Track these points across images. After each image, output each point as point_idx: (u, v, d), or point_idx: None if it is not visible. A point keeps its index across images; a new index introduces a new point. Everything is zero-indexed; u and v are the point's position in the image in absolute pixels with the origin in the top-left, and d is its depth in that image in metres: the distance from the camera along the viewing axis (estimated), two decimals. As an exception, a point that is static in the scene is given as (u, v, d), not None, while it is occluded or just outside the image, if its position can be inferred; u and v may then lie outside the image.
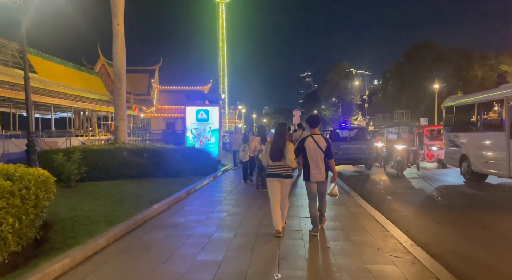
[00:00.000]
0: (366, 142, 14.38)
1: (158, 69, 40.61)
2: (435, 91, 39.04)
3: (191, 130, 15.41)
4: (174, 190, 8.86)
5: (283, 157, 5.28)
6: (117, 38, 12.53)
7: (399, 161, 12.41)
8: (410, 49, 56.32)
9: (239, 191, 9.61)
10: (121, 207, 6.73)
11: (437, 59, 52.66)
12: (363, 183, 11.89)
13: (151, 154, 11.44)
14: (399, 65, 58.37)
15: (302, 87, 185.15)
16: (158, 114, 27.91)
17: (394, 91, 57.84)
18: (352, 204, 7.65)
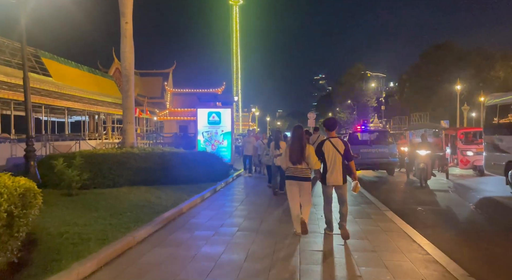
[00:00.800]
0: (388, 145, 13.33)
1: (172, 72, 40.26)
2: (457, 93, 37.33)
3: (202, 134, 14.67)
4: (182, 199, 8.09)
5: (302, 160, 5.27)
6: (125, 37, 11.88)
7: (422, 168, 10.89)
8: (428, 50, 54.64)
9: (252, 200, 8.76)
10: (120, 220, 5.96)
11: (456, 59, 50.83)
12: (387, 191, 10.86)
13: (159, 158, 10.70)
14: (416, 66, 56.69)
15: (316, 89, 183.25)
16: (171, 117, 27.37)
17: (411, 93, 56.14)
18: (380, 217, 6.69)
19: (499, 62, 51.77)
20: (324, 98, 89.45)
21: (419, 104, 51.95)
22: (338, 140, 5.43)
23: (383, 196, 9.36)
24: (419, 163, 11.00)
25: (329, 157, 5.28)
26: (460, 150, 13.35)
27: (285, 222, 6.37)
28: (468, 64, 50.08)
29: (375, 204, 7.96)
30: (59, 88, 24.40)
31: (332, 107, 69.45)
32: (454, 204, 8.82)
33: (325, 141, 5.43)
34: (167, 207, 7.17)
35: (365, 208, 7.50)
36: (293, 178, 5.35)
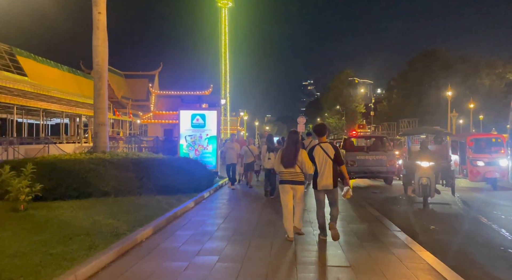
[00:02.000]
0: (387, 152, 12.23)
1: (158, 74, 38.78)
2: (448, 99, 36.85)
3: (185, 138, 13.32)
4: (155, 214, 6.75)
5: (295, 163, 5.36)
6: (97, 29, 10.51)
7: (425, 185, 8.48)
8: (415, 57, 54.51)
9: (238, 215, 7.47)
10: (67, 247, 4.61)
11: (443, 67, 50.79)
12: (387, 202, 9.72)
13: (133, 165, 9.33)
14: (404, 73, 56.50)
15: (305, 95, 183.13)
16: (156, 120, 25.91)
17: (399, 100, 55.83)
18: (392, 241, 5.47)
19: (485, 70, 51.95)
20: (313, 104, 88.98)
21: (407, 110, 51.59)
22: (328, 145, 5.46)
23: (386, 210, 8.20)
24: (421, 177, 8.59)
25: (320, 162, 5.32)
26: (470, 160, 11.44)
27: (279, 246, 5.12)
28: (454, 71, 50.06)
29: (381, 221, 6.77)
30: (35, 88, 22.72)
31: (320, 112, 68.81)
32: (469, 221, 7.72)
33: (315, 146, 5.46)
34: (134, 226, 5.83)
35: (371, 227, 6.30)
36: (286, 182, 5.42)
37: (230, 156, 11.29)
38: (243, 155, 11.33)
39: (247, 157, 11.34)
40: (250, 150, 11.41)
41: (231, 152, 11.30)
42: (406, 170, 10.40)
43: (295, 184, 5.40)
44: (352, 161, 12.05)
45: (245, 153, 11.31)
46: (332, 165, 5.27)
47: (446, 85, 50.32)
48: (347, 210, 7.96)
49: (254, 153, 11.44)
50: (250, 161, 11.42)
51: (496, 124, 54.70)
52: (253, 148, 11.64)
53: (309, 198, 8.83)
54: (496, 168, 11.12)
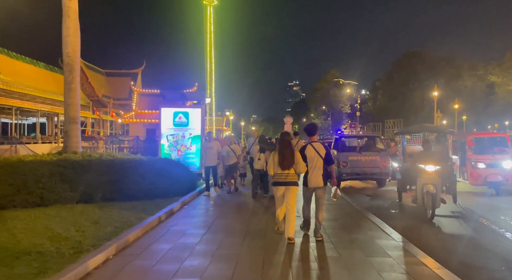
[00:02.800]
0: (380, 153, 11.58)
1: (141, 73, 37.47)
2: (434, 99, 36.87)
3: (166, 137, 12.37)
4: (128, 224, 5.86)
5: (292, 166, 5.32)
6: (68, 17, 9.48)
7: (432, 193, 6.85)
8: (400, 58, 54.80)
9: (224, 223, 6.62)
10: (9, 271, 3.69)
11: (427, 68, 51.16)
12: (392, 213, 9.04)
13: (107, 167, 8.37)
14: (389, 74, 56.74)
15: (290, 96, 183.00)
16: (138, 119, 24.76)
17: (384, 100, 56.01)
18: (402, 255, 4.72)
19: (467, 72, 52.60)
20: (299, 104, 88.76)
21: (392, 111, 51.72)
22: (319, 144, 5.56)
23: (394, 219, 7.50)
24: (425, 184, 7.01)
25: (311, 161, 5.40)
26: (470, 161, 10.02)
27: (272, 263, 4.31)
28: (438, 73, 50.47)
29: (383, 229, 6.04)
30: (7, 85, 21.26)
31: (306, 113, 68.52)
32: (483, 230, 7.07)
33: (307, 145, 5.54)
34: (102, 240, 4.93)
35: (374, 237, 5.56)
36: (281, 183, 5.37)
37: (209, 156, 9.64)
38: (225, 156, 9.99)
39: (229, 158, 10.05)
40: (233, 150, 10.13)
41: (210, 153, 9.63)
42: (401, 174, 8.95)
43: (290, 184, 5.36)
44: (344, 162, 11.35)
45: (227, 154, 10.02)
46: (322, 164, 5.39)
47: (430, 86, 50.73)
48: (346, 217, 7.21)
49: (237, 153, 10.23)
50: (232, 163, 10.14)
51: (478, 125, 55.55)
52: (235, 148, 10.35)
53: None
54: (499, 171, 9.72)
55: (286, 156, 5.31)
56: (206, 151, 9.79)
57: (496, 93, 51.86)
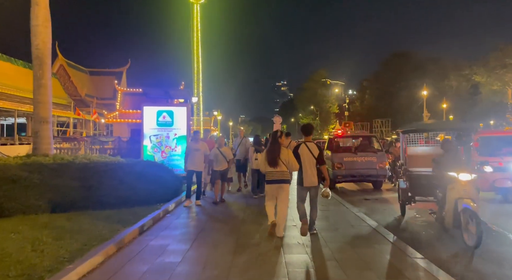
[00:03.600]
0: (377, 153, 10.91)
1: (125, 72, 36.22)
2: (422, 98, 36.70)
3: (150, 138, 11.45)
4: (99, 239, 4.97)
5: (278, 161, 5.36)
6: (36, 5, 8.49)
7: (472, 212, 5.01)
8: (387, 58, 54.82)
9: (211, 236, 5.78)
10: None
11: (414, 68, 51.25)
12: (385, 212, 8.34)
13: (80, 172, 7.46)
14: (376, 73, 56.70)
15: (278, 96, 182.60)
16: (122, 119, 23.63)
17: (372, 100, 55.93)
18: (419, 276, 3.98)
19: (453, 72, 52.91)
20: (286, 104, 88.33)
21: (380, 110, 51.62)
22: (313, 144, 5.62)
23: (395, 227, 6.79)
24: (460, 199, 5.24)
25: (305, 160, 5.45)
26: (476, 164, 8.37)
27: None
28: (425, 73, 50.59)
29: (390, 240, 5.30)
30: (-20, 83, 19.93)
31: (294, 113, 68.06)
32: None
33: (301, 144, 5.60)
34: (62, 262, 4.04)
35: (384, 252, 4.81)
36: (273, 181, 5.40)
37: (194, 159, 8.05)
38: (213, 160, 8.48)
39: (218, 163, 8.44)
40: (222, 153, 8.49)
41: (195, 155, 8.04)
42: (407, 182, 7.02)
43: (282, 182, 5.39)
44: (339, 163, 10.64)
45: (215, 157, 8.46)
46: (315, 163, 5.47)
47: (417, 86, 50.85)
48: (347, 226, 6.46)
49: (228, 157, 8.61)
50: (223, 168, 8.46)
51: (463, 124, 56.02)
52: (225, 151, 8.69)
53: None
54: (508, 175, 8.38)
55: (274, 153, 5.38)
56: (190, 152, 8.13)
57: (481, 93, 52.34)
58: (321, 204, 8.09)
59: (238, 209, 7.86)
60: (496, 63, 47.66)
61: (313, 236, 5.50)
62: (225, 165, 8.49)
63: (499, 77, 49.05)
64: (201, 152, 8.10)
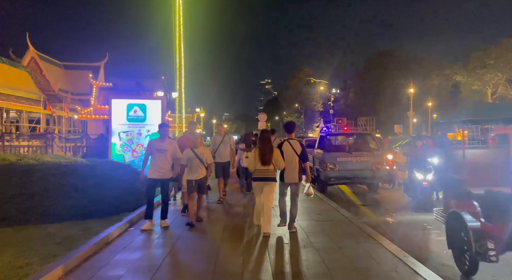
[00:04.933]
0: (373, 153, 9.78)
1: (103, 66, 34.18)
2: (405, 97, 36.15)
3: (119, 135, 9.98)
4: (20, 274, 3.58)
5: (271, 161, 5.39)
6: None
7: None
8: (371, 56, 54.45)
9: (180, 263, 4.45)
10: None
11: (397, 67, 51.05)
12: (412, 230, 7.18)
13: (23, 176, 5.97)
14: (360, 72, 56.26)
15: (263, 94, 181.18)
16: (96, 115, 21.90)
17: (356, 98, 55.48)
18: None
19: (435, 71, 53.01)
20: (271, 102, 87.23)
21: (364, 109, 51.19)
22: (296, 141, 5.71)
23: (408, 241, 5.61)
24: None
25: (287, 157, 5.53)
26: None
27: None
28: (409, 72, 50.46)
29: (409, 265, 4.11)
30: None
31: (279, 111, 67.06)
32: None
33: (284, 142, 5.69)
34: None
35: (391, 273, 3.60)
36: (261, 179, 5.44)
37: (156, 164, 5.85)
38: (185, 165, 6.12)
39: (193, 169, 6.00)
40: (199, 156, 5.99)
41: (159, 157, 5.85)
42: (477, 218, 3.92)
43: (269, 180, 5.45)
44: (332, 163, 9.46)
45: (189, 162, 6.02)
46: (298, 161, 5.56)
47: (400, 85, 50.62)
48: (350, 242, 5.23)
49: (206, 161, 6.10)
50: (200, 177, 6.02)
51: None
52: (203, 153, 6.07)
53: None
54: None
55: (266, 152, 5.38)
56: (152, 153, 5.89)
57: (461, 93, 52.69)
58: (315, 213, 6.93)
59: (217, 227, 6.11)
60: (476, 63, 47.95)
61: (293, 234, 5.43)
62: (203, 172, 6.05)
63: (479, 77, 49.41)
64: (168, 154, 5.86)
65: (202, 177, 6.05)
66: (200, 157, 6.02)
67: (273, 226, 5.60)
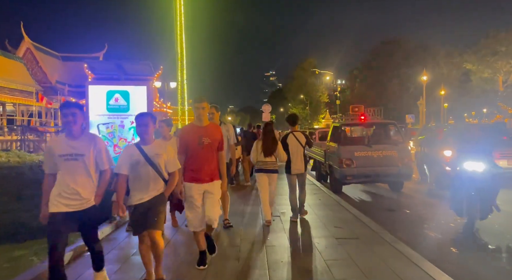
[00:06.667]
0: (398, 146, 8.07)
1: (102, 57, 32.55)
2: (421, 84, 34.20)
3: (98, 127, 8.36)
4: None
5: (274, 153, 5.43)
6: None
7: None
8: (378, 45, 52.25)
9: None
10: None
11: (404, 56, 48.88)
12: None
13: None
14: (367, 62, 54.10)
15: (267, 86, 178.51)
16: (92, 108, 20.41)
17: (362, 89, 53.43)
18: None
19: (443, 60, 50.68)
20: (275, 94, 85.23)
21: (371, 99, 49.18)
22: (300, 133, 5.81)
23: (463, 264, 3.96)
24: None
25: (293, 149, 5.65)
26: None
27: None
28: (416, 61, 48.32)
29: None
30: None
31: (283, 102, 65.19)
32: None
33: (289, 134, 5.80)
34: None
35: None
36: (264, 170, 5.46)
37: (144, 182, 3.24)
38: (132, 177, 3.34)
39: (144, 183, 3.25)
40: (153, 159, 3.26)
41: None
42: None
43: (271, 172, 5.46)
44: (348, 159, 7.77)
45: (133, 169, 3.24)
46: (303, 152, 5.71)
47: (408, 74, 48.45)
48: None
49: (169, 168, 3.32)
50: (155, 194, 3.27)
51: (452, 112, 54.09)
52: (158, 152, 3.28)
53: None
54: None
55: (269, 144, 5.42)
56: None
57: (471, 81, 50.44)
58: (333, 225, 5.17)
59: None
60: (487, 50, 45.66)
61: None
62: (160, 187, 3.30)
63: (490, 65, 47.15)
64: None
65: (158, 193, 3.27)
66: (159, 166, 3.26)
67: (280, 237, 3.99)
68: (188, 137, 3.68)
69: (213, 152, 3.70)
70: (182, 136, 3.75)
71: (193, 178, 3.61)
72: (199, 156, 3.62)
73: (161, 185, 3.30)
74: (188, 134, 3.71)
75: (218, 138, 3.75)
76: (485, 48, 46.34)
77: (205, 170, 3.62)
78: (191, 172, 3.63)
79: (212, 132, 3.72)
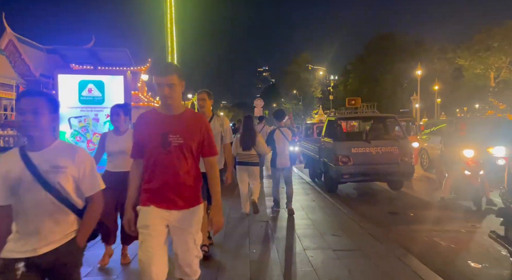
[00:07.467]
0: (399, 141, 7.39)
1: (89, 50, 31.31)
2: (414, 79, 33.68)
3: (69, 121, 7.55)
4: None
5: (252, 147, 5.41)
6: None
7: None
8: (371, 41, 51.70)
9: None
10: None
11: (399, 51, 48.44)
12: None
13: None
14: (360, 57, 53.57)
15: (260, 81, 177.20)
16: (76, 102, 19.46)
17: (356, 84, 52.92)
18: None
19: (436, 55, 50.37)
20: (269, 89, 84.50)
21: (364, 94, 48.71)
22: (286, 129, 5.87)
23: None
24: None
25: (279, 144, 5.69)
26: None
27: None
28: (410, 56, 47.94)
29: None
30: None
31: (277, 98, 64.52)
32: None
33: (275, 130, 5.86)
34: None
35: None
36: (243, 163, 5.48)
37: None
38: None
39: None
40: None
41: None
42: None
43: (251, 165, 5.47)
44: (345, 156, 7.06)
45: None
46: (288, 146, 5.72)
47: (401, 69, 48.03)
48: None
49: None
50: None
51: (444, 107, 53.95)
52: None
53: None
54: None
55: (246, 137, 5.40)
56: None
57: (464, 77, 50.30)
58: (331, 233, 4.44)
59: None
60: (480, 46, 45.42)
61: None
62: (68, 226, 1.83)
63: (483, 61, 47.03)
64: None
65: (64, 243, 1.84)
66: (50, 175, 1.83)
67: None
68: (145, 132, 2.18)
69: (187, 159, 2.16)
70: (136, 129, 2.26)
71: (150, 198, 2.15)
72: (163, 165, 2.13)
73: (70, 222, 1.80)
74: (145, 127, 2.19)
75: (198, 137, 2.20)
76: (478, 44, 46.11)
77: (173, 188, 2.14)
78: (148, 190, 2.16)
79: (189, 126, 2.18)
